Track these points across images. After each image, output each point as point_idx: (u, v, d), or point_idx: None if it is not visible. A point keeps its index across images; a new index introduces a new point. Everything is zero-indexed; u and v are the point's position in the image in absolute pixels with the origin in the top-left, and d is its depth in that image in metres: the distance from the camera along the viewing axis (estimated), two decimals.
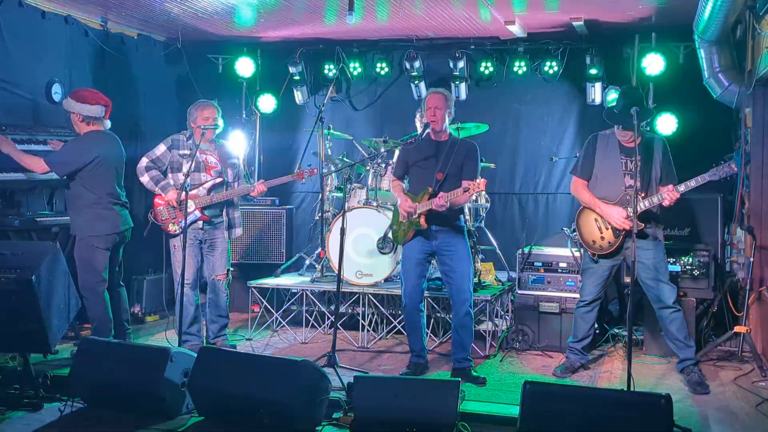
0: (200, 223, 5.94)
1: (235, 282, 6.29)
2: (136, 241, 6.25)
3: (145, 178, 5.96)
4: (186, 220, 5.63)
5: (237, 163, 6.21)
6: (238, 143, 8.18)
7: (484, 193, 7.11)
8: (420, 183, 5.40)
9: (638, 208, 5.04)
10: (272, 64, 8.81)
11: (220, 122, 6.03)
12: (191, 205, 5.83)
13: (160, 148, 5.99)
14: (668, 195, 5.07)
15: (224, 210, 6.04)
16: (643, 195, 5.17)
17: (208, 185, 5.94)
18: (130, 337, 6.09)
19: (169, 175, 5.97)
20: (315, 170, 6.19)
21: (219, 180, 5.99)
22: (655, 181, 5.30)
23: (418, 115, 7.12)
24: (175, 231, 5.90)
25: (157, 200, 5.97)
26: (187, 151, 5.95)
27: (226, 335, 6.23)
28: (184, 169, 5.81)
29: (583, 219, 5.53)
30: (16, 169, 5.84)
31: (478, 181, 4.96)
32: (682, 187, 5.08)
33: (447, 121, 5.42)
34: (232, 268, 6.26)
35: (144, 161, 5.97)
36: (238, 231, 6.19)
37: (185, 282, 5.76)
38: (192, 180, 5.81)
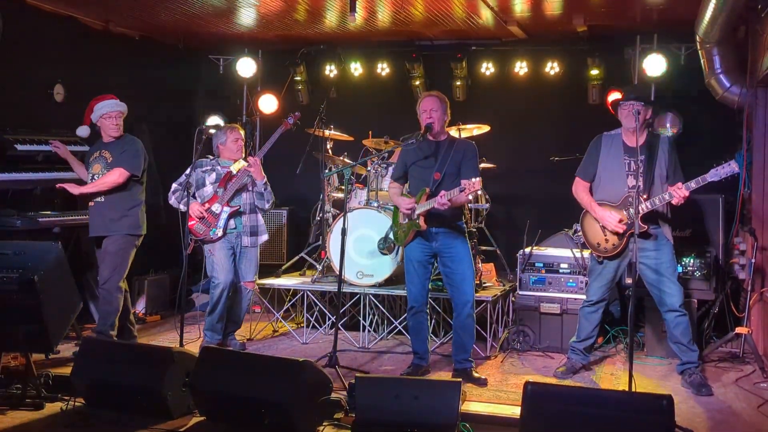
0: (233, 222, 6.05)
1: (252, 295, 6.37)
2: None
3: (172, 201, 6.15)
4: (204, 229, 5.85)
5: (250, 158, 6.25)
6: None
7: (483, 193, 7.12)
8: (419, 183, 5.39)
9: (640, 210, 5.04)
10: (273, 65, 8.83)
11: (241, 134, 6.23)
12: (218, 206, 6.00)
13: (186, 173, 6.09)
14: (677, 193, 5.00)
15: (248, 217, 6.14)
16: (645, 197, 5.16)
17: (223, 184, 6.06)
18: (135, 337, 6.13)
19: (196, 193, 6.08)
20: (298, 115, 6.30)
21: (229, 175, 6.09)
22: (660, 179, 5.24)
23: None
24: (218, 234, 6.02)
25: (190, 222, 6.05)
26: (208, 167, 6.13)
27: (234, 336, 6.32)
28: (207, 182, 6.07)
29: (587, 221, 5.51)
30: (19, 170, 5.85)
31: (474, 180, 4.89)
32: (692, 184, 4.99)
33: (444, 123, 5.41)
34: (257, 278, 6.38)
35: (173, 186, 6.18)
36: (261, 238, 6.26)
37: (224, 283, 5.99)
38: (213, 189, 6.08)
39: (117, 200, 5.86)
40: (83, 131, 6.46)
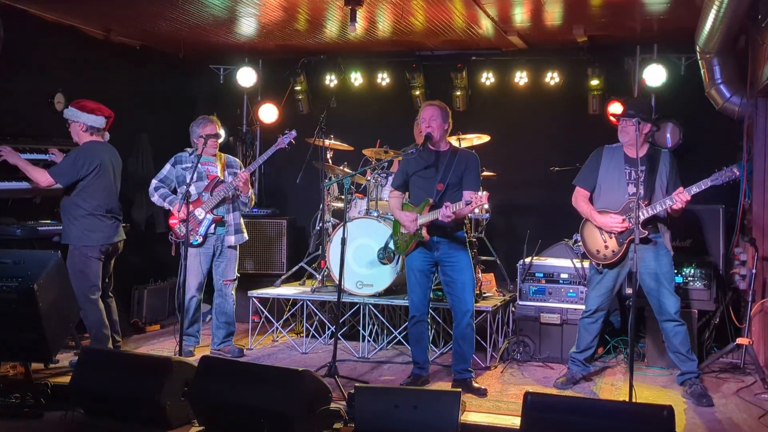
0: (213, 227, 6.10)
1: (235, 292, 6.34)
2: (137, 253, 6.26)
3: (155, 198, 6.19)
4: (190, 230, 5.77)
5: (239, 173, 6.28)
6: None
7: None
8: (420, 193, 5.39)
9: (640, 215, 5.05)
10: (273, 75, 8.85)
11: (222, 132, 6.16)
12: (202, 212, 6.03)
13: (166, 168, 6.24)
14: (679, 197, 5.04)
15: (231, 215, 6.22)
16: (646, 203, 5.17)
17: (209, 188, 6.10)
18: (118, 348, 6.07)
19: (178, 190, 6.17)
20: (293, 134, 6.31)
21: (217, 181, 6.12)
22: (661, 189, 5.27)
23: (416, 127, 7.14)
24: (198, 241, 6.07)
25: (171, 221, 6.16)
26: (189, 164, 6.14)
27: (231, 342, 6.35)
28: (188, 181, 5.94)
29: (586, 229, 5.52)
30: (19, 179, 5.85)
31: (480, 194, 4.92)
32: (694, 188, 5.02)
33: (444, 132, 5.41)
34: (239, 275, 6.42)
35: (153, 183, 6.21)
36: (244, 236, 6.37)
37: (193, 288, 6.10)
38: (197, 190, 6.08)
39: (63, 207, 5.80)
40: None
